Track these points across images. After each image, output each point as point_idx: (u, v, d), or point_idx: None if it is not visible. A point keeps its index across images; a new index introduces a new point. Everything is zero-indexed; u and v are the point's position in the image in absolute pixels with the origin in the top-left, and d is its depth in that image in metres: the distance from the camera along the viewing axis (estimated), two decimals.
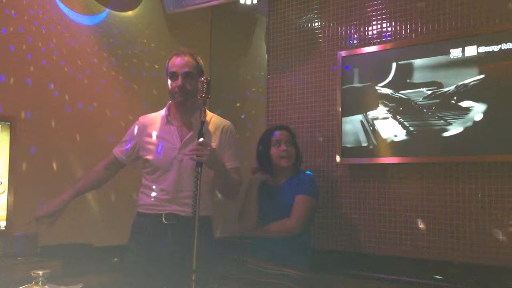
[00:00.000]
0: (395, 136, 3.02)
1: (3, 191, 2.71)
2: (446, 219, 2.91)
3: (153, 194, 2.46)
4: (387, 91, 3.07)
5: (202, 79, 2.23)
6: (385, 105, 3.08)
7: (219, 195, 2.72)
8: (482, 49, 2.78)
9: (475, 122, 2.77)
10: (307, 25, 3.56)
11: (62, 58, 3.15)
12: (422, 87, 2.95)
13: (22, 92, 2.95)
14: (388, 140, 3.06)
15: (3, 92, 2.87)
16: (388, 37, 3.17)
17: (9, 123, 2.78)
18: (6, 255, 2.75)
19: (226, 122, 2.58)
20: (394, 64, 3.05)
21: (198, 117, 2.38)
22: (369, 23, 3.26)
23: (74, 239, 3.05)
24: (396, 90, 3.04)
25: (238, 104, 4.03)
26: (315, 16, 3.52)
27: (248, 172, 2.94)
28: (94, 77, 3.31)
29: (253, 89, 4.03)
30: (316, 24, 3.52)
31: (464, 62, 2.82)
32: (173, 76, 2.47)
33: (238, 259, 2.92)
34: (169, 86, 2.50)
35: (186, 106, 2.47)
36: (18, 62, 2.95)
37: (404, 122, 2.99)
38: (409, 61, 3.01)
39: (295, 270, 2.72)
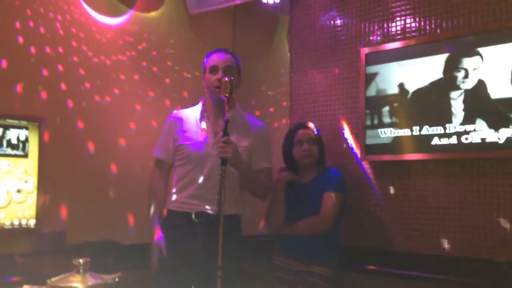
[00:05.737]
0: None
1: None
2: None
3: (184, 191, 2.46)
4: None
5: (226, 78, 2.25)
6: None
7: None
8: None
9: None
10: (329, 22, 3.55)
11: (88, 59, 3.19)
12: None
13: (50, 93, 3.00)
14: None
15: (31, 93, 2.93)
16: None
17: (37, 124, 2.83)
18: (35, 253, 2.81)
19: (260, 123, 2.60)
20: None
21: (233, 114, 2.39)
22: (393, 19, 3.24)
23: (102, 236, 3.08)
24: None
25: (258, 103, 4.03)
26: (337, 13, 3.51)
27: (274, 171, 2.94)
28: (119, 78, 3.35)
29: (276, 88, 4.02)
30: (338, 21, 3.50)
31: None
32: (214, 69, 2.47)
33: (266, 257, 2.93)
34: (208, 81, 2.49)
35: (223, 102, 2.43)
36: (47, 63, 3.00)
37: None
38: None
39: (323, 268, 2.71)
